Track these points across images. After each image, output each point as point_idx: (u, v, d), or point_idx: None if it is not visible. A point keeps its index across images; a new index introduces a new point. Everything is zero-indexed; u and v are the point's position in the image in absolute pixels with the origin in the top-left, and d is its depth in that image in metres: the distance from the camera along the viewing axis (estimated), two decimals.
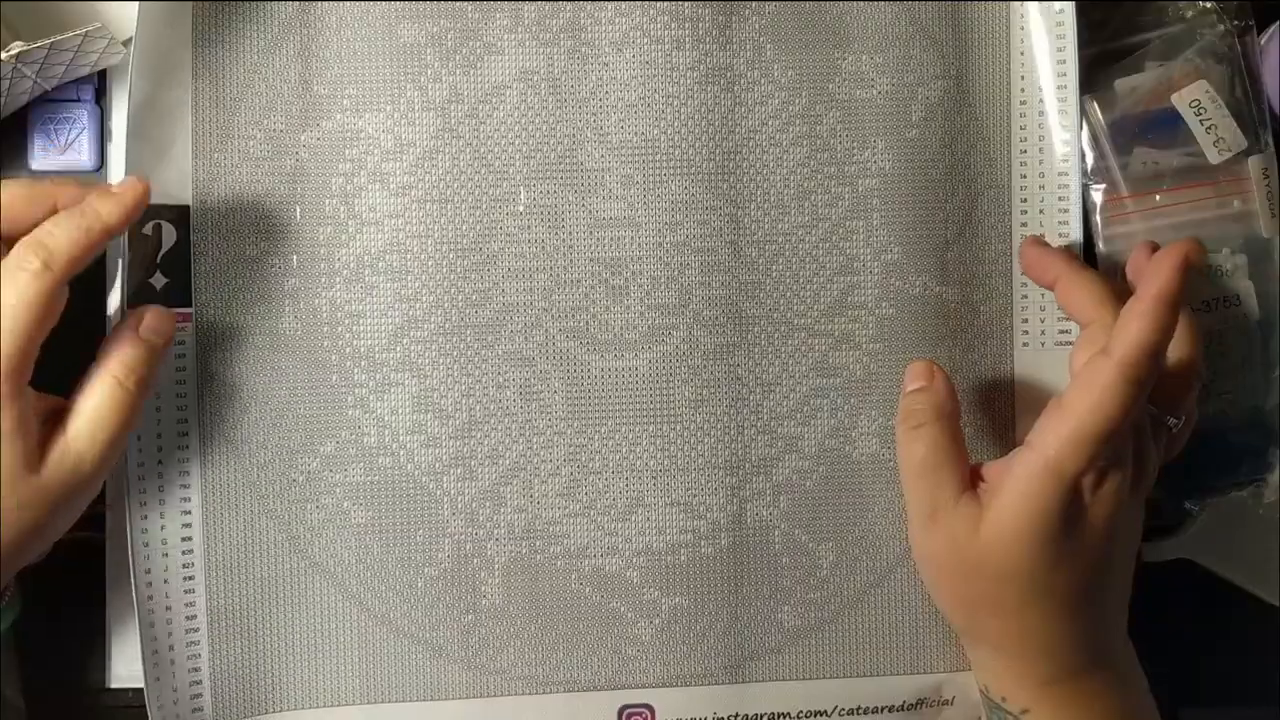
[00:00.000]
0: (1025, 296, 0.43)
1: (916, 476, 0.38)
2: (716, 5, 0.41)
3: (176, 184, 0.40)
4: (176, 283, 0.40)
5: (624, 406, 0.42)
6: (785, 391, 0.42)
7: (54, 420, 0.35)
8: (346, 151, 0.40)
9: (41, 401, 0.35)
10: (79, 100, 0.41)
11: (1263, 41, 0.44)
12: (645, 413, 0.42)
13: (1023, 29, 0.43)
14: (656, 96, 0.41)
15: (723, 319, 0.42)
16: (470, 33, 0.41)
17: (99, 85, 0.41)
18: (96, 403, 0.36)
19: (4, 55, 0.37)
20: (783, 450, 0.42)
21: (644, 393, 0.42)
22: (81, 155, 0.41)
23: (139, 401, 0.36)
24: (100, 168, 0.41)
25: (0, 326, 0.33)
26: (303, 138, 0.40)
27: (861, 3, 0.42)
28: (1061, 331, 0.43)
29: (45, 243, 0.34)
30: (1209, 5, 0.43)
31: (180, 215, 0.40)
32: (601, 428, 0.42)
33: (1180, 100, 0.42)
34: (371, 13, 0.40)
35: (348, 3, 0.40)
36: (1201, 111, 0.42)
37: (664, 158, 0.41)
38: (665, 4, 0.41)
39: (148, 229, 0.39)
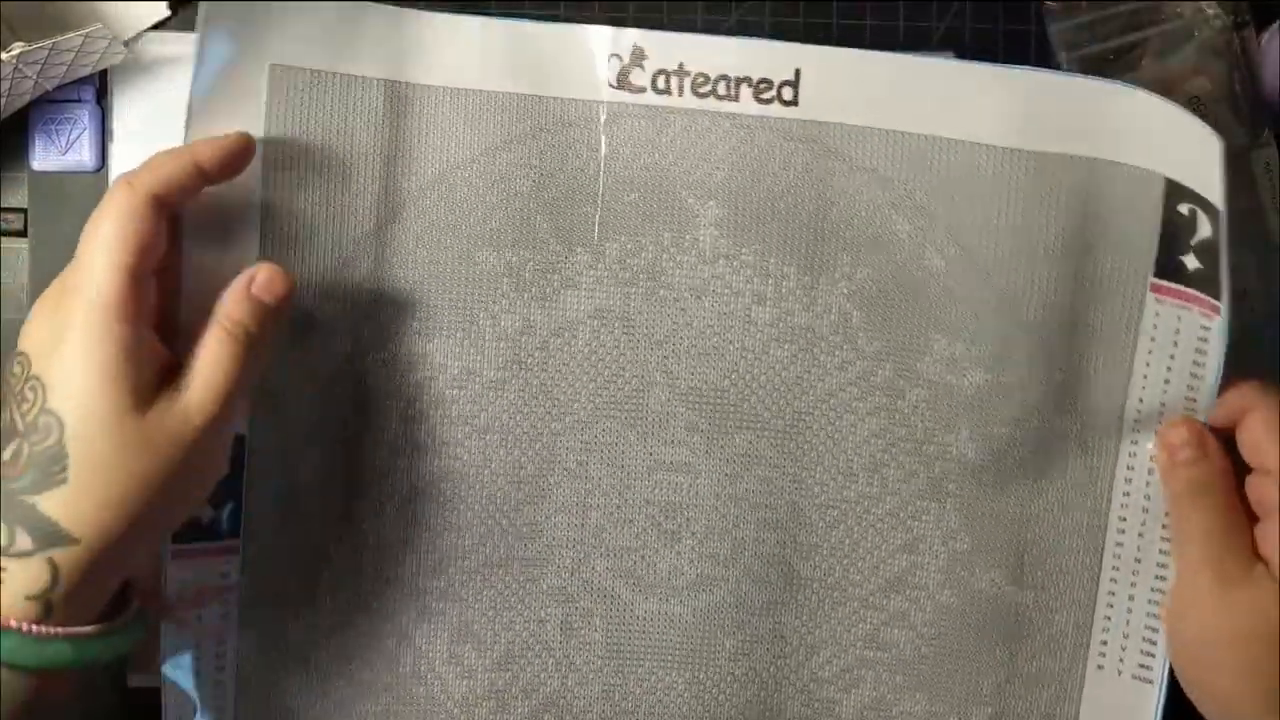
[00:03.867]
0: (1108, 618, 0.40)
1: (1203, 544, 0.36)
2: (805, 265, 0.39)
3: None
4: (225, 512, 0.38)
5: (664, 650, 0.40)
6: (829, 656, 0.40)
7: (168, 377, 0.34)
8: (411, 376, 0.39)
9: (160, 354, 0.34)
10: (80, 100, 0.41)
11: (1263, 41, 0.44)
12: (684, 659, 0.40)
13: (1153, 339, 0.39)
14: (731, 348, 0.40)
15: (774, 577, 0.40)
16: (550, 266, 0.39)
17: (100, 85, 0.41)
18: (208, 353, 0.34)
19: (5, 55, 0.37)
20: (819, 713, 0.40)
21: (685, 639, 0.40)
22: (82, 155, 0.41)
23: (251, 357, 0.34)
24: (101, 168, 0.41)
25: (98, 254, 0.32)
26: (367, 361, 0.39)
27: (964, 291, 0.39)
28: (1142, 666, 0.39)
29: (133, 170, 0.34)
30: (1206, 2, 0.43)
31: (234, 442, 0.38)
32: (639, 669, 0.40)
33: (1180, 97, 0.42)
34: (450, 235, 0.39)
35: (426, 223, 0.39)
36: (1202, 108, 0.42)
37: (732, 409, 0.40)
38: (750, 258, 0.39)
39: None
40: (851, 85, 0.39)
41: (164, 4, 0.41)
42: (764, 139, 0.39)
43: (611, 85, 0.39)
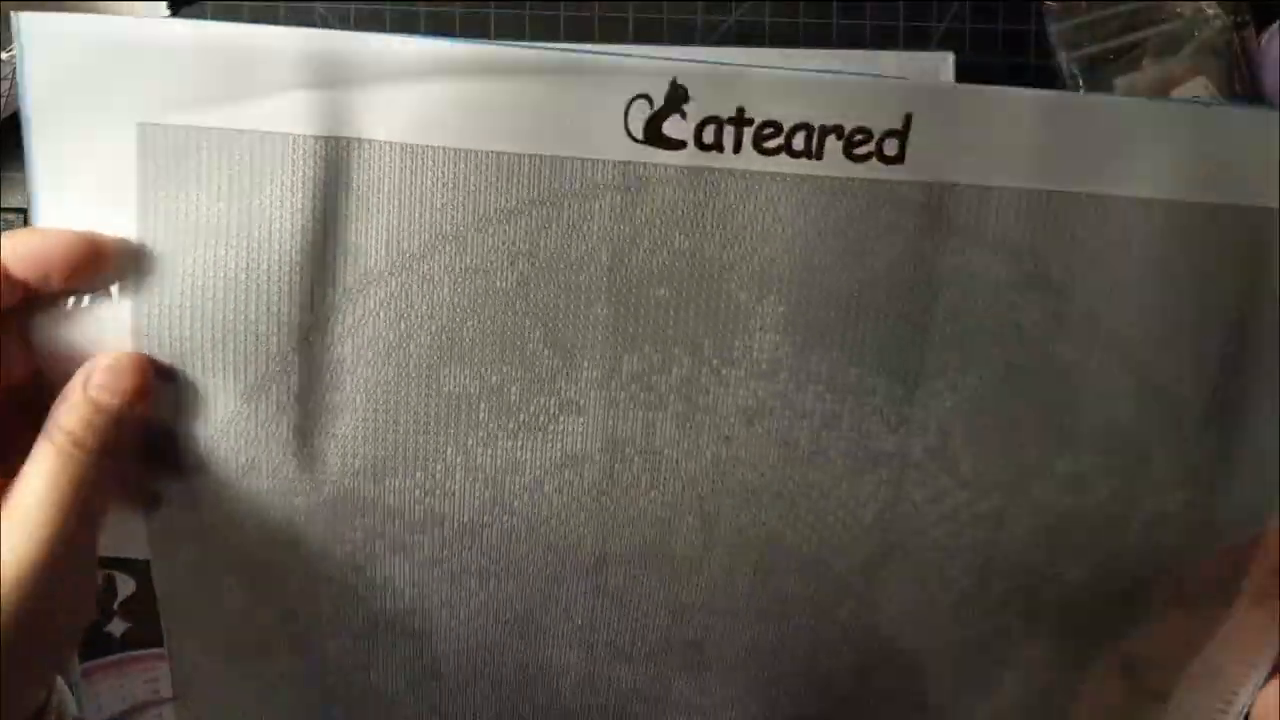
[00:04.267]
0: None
1: None
2: (899, 372, 0.31)
3: (129, 539, 0.31)
4: (140, 627, 0.32)
5: None
6: None
7: None
8: (357, 520, 0.31)
9: None
10: None
11: (1263, 41, 0.44)
12: None
13: None
14: (790, 484, 0.31)
15: (820, 699, 0.34)
16: (542, 386, 0.30)
17: None
18: (27, 477, 0.27)
19: (4, 55, 0.37)
20: None
21: None
22: None
23: (89, 471, 0.27)
24: None
25: None
26: (296, 502, 0.30)
27: (1101, 390, 0.31)
28: None
29: None
30: (1206, 2, 0.43)
31: (138, 567, 0.32)
32: None
33: (1180, 97, 0.43)
34: (405, 347, 0.29)
35: (371, 331, 0.29)
36: None
37: (786, 554, 0.32)
38: (822, 367, 0.31)
39: (98, 579, 0.31)
40: (978, 134, 0.29)
41: (164, 4, 0.41)
42: (855, 208, 0.30)
43: (635, 139, 0.29)
